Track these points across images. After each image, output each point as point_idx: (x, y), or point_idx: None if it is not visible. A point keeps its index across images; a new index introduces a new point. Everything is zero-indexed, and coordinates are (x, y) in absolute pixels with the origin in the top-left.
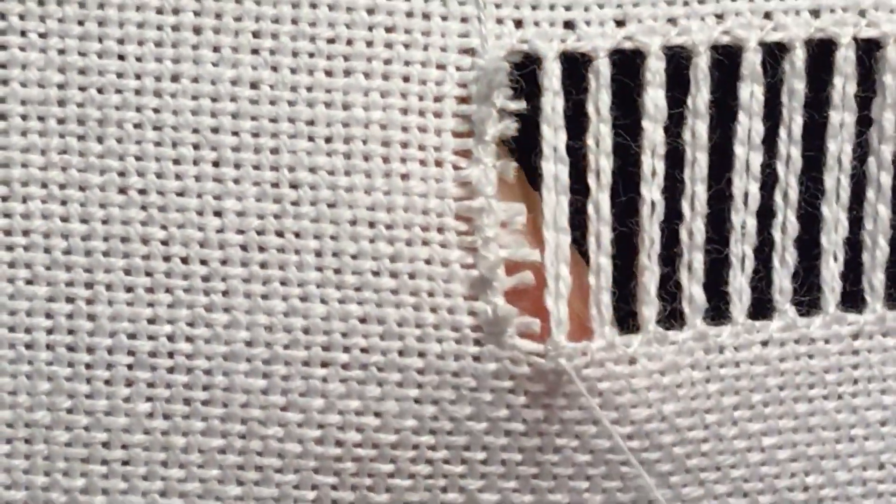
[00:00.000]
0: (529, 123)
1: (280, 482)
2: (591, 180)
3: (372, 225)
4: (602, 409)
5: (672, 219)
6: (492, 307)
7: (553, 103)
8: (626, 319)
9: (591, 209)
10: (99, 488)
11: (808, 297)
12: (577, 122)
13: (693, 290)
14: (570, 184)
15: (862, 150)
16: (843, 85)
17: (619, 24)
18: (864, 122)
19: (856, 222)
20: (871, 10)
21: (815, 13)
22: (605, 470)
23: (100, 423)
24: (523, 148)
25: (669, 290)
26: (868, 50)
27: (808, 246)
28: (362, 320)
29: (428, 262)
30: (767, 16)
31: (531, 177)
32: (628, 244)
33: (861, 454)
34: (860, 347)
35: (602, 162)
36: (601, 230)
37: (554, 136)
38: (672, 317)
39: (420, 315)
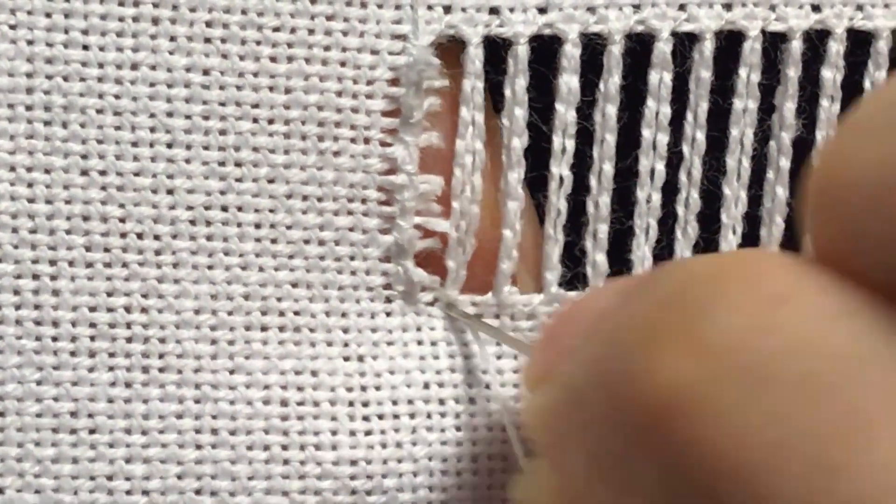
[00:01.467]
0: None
1: (234, 444)
2: (504, 157)
3: (305, 198)
4: (500, 359)
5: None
6: (402, 269)
7: (473, 84)
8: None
9: (502, 183)
10: (69, 457)
11: None
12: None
13: (596, 256)
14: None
15: (763, 135)
16: (748, 74)
17: (542, 11)
18: (767, 109)
19: (755, 200)
20: (781, 6)
21: (728, 6)
22: (515, 420)
23: (67, 393)
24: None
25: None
26: (774, 42)
27: (711, 222)
28: (293, 285)
29: (351, 229)
30: (682, 7)
31: None
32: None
33: None
34: None
35: (514, 140)
36: (508, 203)
37: (471, 115)
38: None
39: (341, 277)
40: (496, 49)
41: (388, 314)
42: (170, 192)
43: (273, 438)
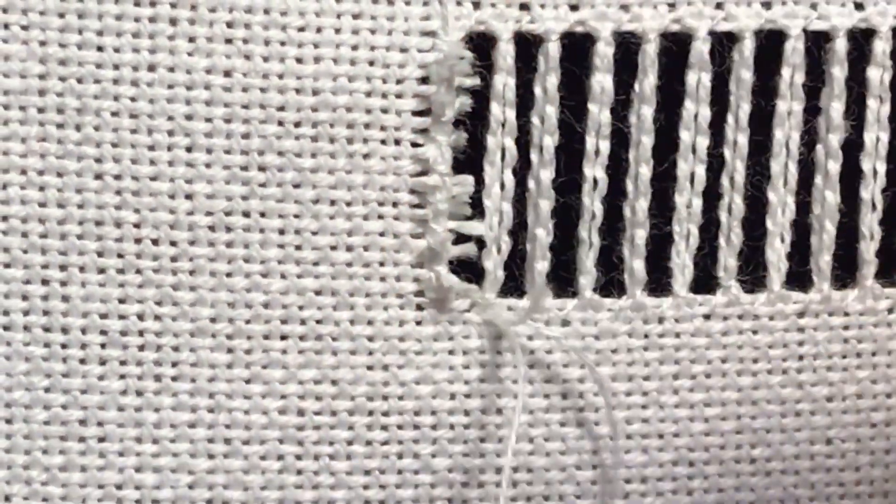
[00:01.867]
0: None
1: (247, 454)
2: (534, 155)
3: (333, 203)
4: (533, 368)
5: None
6: (435, 275)
7: (504, 81)
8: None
9: (531, 182)
10: (77, 465)
11: (754, 276)
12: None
13: (633, 262)
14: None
15: (810, 139)
16: (792, 75)
17: (574, 8)
18: (812, 111)
19: (803, 206)
20: (822, 4)
21: (767, 5)
22: (547, 431)
23: (76, 401)
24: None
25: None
26: (817, 41)
27: (758, 229)
28: (317, 293)
29: (381, 234)
30: (719, 6)
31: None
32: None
33: (808, 429)
34: (805, 325)
35: (545, 139)
36: (539, 202)
37: (502, 112)
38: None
39: (369, 284)
40: (526, 46)
41: (418, 322)
42: (188, 197)
43: (287, 448)
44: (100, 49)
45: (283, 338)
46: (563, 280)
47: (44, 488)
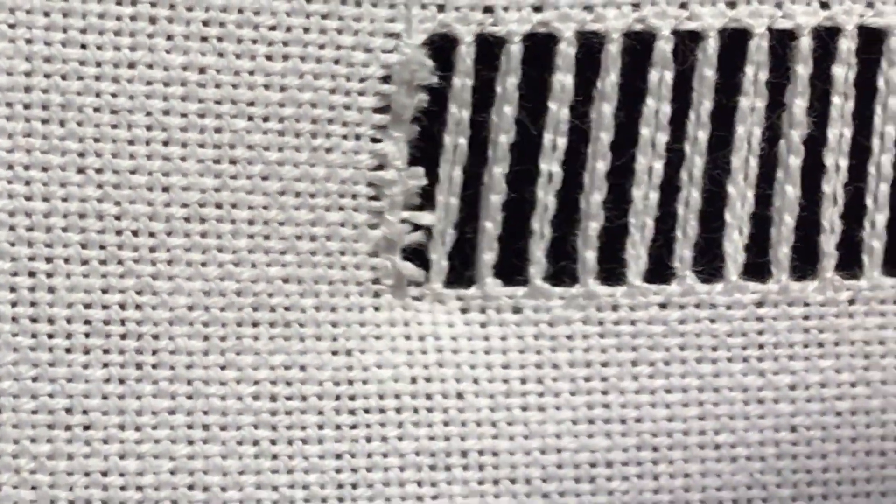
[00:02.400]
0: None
1: (224, 439)
2: (490, 151)
3: (297, 194)
4: (488, 354)
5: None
6: (391, 262)
7: (462, 83)
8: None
9: (485, 177)
10: (64, 453)
11: (712, 267)
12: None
13: (586, 253)
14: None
15: (773, 134)
16: (756, 72)
17: (537, 9)
18: (774, 106)
19: (764, 200)
20: (787, 3)
21: (732, 4)
22: (508, 415)
23: (62, 389)
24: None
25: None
26: (781, 39)
27: (716, 221)
28: (285, 280)
29: (342, 224)
30: (683, 5)
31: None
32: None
33: (772, 416)
34: (765, 315)
35: (501, 136)
36: (491, 197)
37: (458, 111)
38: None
39: (331, 272)
40: (491, 46)
41: (376, 308)
42: (165, 189)
43: (262, 433)
44: (83, 47)
45: (255, 325)
46: (518, 272)
47: (32, 476)
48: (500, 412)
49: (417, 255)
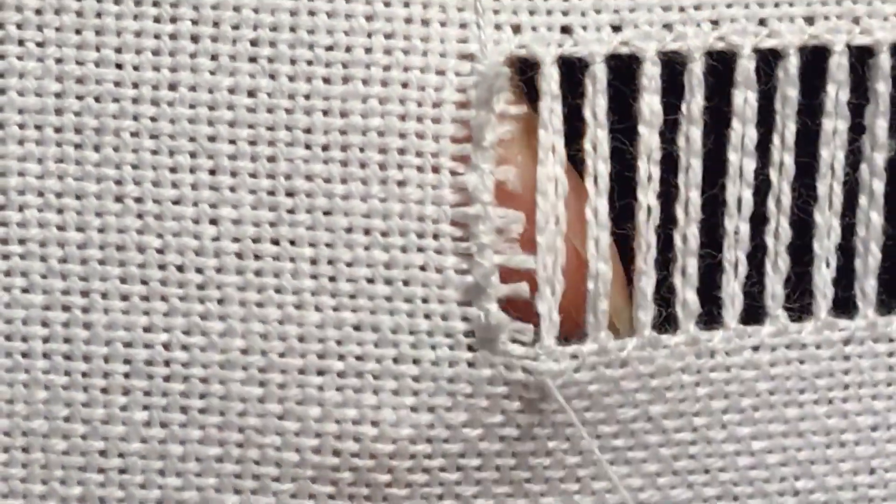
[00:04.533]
0: None
1: (277, 491)
2: (589, 185)
3: (367, 232)
4: (591, 411)
5: (666, 224)
6: (484, 313)
7: (551, 107)
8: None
9: (589, 214)
10: (96, 497)
11: (799, 304)
12: (573, 127)
13: (687, 294)
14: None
15: (855, 158)
16: (837, 92)
17: (616, 29)
18: (857, 129)
19: (848, 229)
20: (865, 18)
21: (810, 20)
22: (594, 471)
23: (97, 431)
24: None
25: (663, 294)
26: (861, 57)
27: (801, 252)
28: (356, 328)
29: (423, 268)
30: (762, 22)
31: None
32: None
33: (852, 459)
34: (851, 353)
35: (600, 166)
36: (599, 235)
37: (550, 140)
38: (665, 321)
39: (414, 322)
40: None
41: (470, 364)
42: (213, 222)
43: (320, 489)
44: (119, 67)
45: (321, 373)
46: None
47: None
48: (588, 468)
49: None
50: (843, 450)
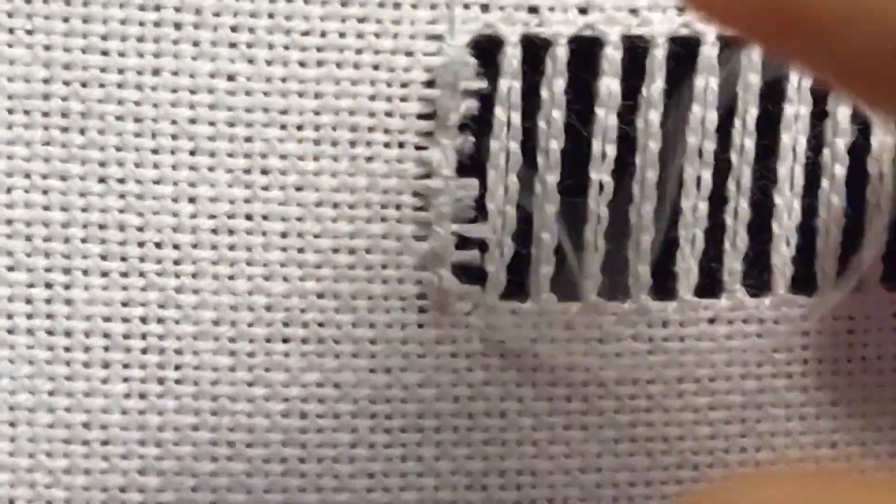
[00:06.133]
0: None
1: (250, 457)
2: (540, 158)
3: (335, 205)
4: (536, 371)
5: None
6: (438, 277)
7: (510, 85)
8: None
9: (537, 186)
10: (81, 468)
11: (759, 281)
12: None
13: (639, 266)
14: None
15: (816, 142)
16: (800, 78)
17: (583, 11)
18: (819, 114)
19: (810, 210)
20: None
21: None
22: (550, 434)
23: (80, 404)
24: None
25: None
26: None
27: (763, 233)
28: (320, 295)
29: (384, 237)
30: None
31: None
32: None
33: (813, 433)
34: (810, 329)
35: (552, 143)
36: (545, 206)
37: (507, 115)
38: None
39: (371, 287)
40: (534, 50)
41: (420, 325)
42: (191, 200)
43: (290, 451)
44: (104, 53)
45: (286, 340)
46: (566, 284)
47: (47, 491)
48: (543, 431)
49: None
50: (804, 423)
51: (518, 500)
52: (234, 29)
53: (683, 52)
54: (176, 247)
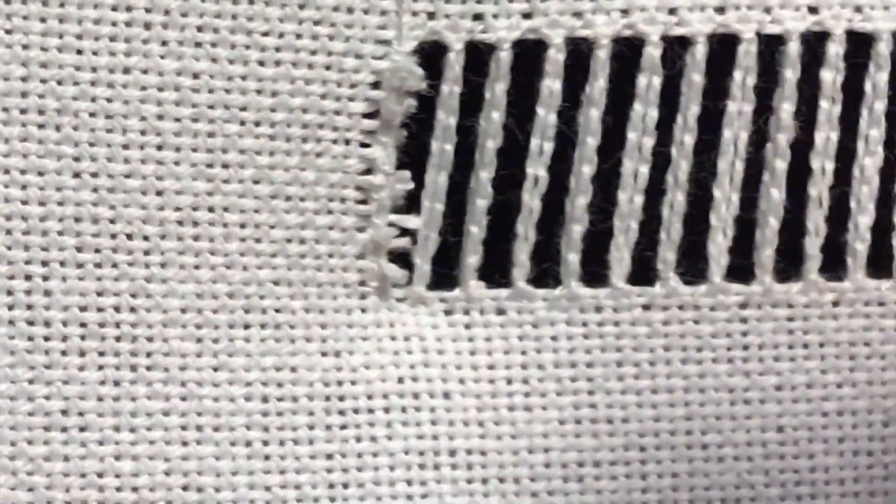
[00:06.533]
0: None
1: (217, 440)
2: (477, 156)
3: (288, 198)
4: (473, 354)
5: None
6: (377, 265)
7: (451, 89)
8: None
9: (472, 181)
10: (60, 454)
11: (696, 270)
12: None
13: (569, 255)
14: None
15: (757, 139)
16: (744, 77)
17: (526, 16)
18: (760, 112)
19: (749, 203)
20: (776, 9)
21: (721, 10)
22: (494, 415)
23: (59, 392)
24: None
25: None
26: (769, 43)
27: (703, 224)
28: (275, 283)
29: (330, 228)
30: (672, 11)
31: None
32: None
33: (758, 416)
34: (749, 316)
35: (488, 142)
36: (477, 200)
37: (446, 118)
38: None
39: (318, 275)
40: (481, 53)
41: (362, 310)
42: (159, 193)
43: (254, 434)
44: (79, 52)
45: (246, 326)
46: (502, 276)
47: (29, 478)
48: (487, 412)
49: (403, 258)
50: (749, 407)
51: (469, 480)
52: (199, 29)
53: (628, 52)
54: (145, 238)
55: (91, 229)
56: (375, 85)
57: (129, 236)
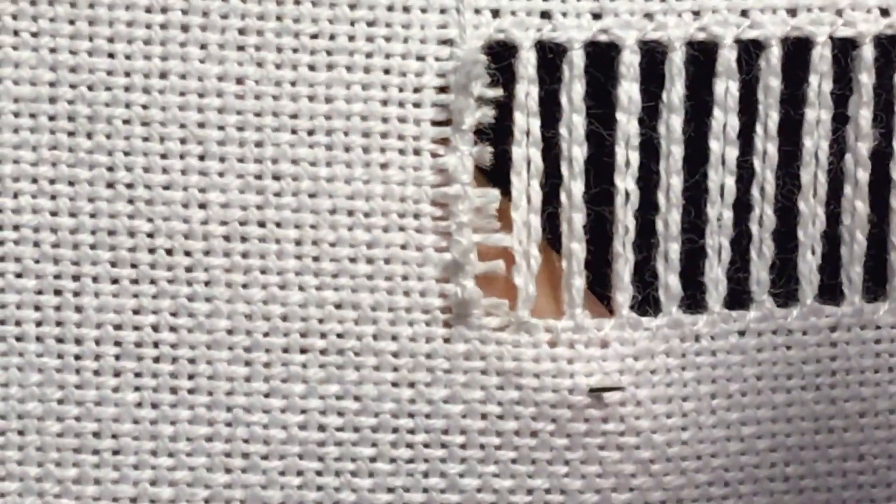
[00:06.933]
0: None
1: (266, 468)
2: (564, 168)
3: (350, 213)
4: (573, 393)
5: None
6: (461, 289)
7: (527, 90)
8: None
9: (563, 196)
10: (91, 478)
11: (786, 289)
12: (552, 111)
13: (668, 278)
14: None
15: (839, 147)
16: (819, 83)
17: (596, 16)
18: (839, 119)
19: (832, 217)
20: (848, 10)
21: (792, 12)
22: (584, 454)
23: (90, 413)
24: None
25: (649, 279)
26: (844, 48)
27: (788, 240)
28: (338, 306)
29: (403, 247)
30: (744, 13)
31: (504, 163)
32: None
33: (840, 445)
34: (838, 339)
35: (574, 150)
36: (573, 216)
37: (526, 122)
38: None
39: (392, 298)
40: (546, 56)
41: (446, 340)
42: (202, 206)
43: (307, 464)
44: (111, 56)
45: (304, 351)
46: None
47: (57, 501)
48: (576, 451)
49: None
50: (832, 436)
51: None
52: (241, 31)
53: (702, 57)
54: (188, 253)
55: (127, 243)
56: (443, 90)
57: (170, 251)
